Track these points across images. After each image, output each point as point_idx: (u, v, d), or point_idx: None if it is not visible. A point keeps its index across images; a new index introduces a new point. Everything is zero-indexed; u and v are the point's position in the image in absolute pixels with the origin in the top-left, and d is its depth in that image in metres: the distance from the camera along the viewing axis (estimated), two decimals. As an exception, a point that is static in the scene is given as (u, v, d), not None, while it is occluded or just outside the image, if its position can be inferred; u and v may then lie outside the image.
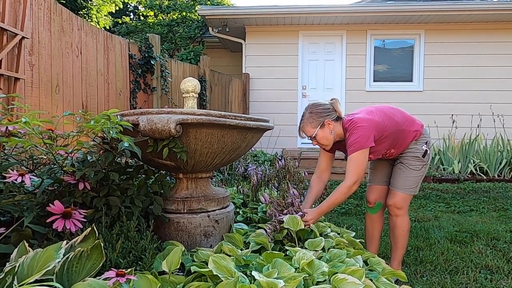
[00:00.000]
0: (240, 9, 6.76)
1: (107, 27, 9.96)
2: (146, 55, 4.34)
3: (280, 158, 5.42)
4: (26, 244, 1.13)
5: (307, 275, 1.34)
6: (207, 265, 1.36)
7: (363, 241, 2.13)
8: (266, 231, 1.79)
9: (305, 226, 1.82)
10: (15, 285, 0.95)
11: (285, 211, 1.87)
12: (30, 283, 0.95)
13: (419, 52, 6.93)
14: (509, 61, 6.72)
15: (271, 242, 1.75)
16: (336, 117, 1.96)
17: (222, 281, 1.22)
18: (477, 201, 4.33)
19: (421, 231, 3.05)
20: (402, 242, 2.10)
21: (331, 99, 2.02)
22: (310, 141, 2.03)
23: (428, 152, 2.04)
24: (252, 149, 5.33)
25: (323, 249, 1.69)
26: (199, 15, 7.75)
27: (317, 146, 2.05)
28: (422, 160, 2.02)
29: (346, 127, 1.94)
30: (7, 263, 1.06)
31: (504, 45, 6.74)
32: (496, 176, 5.81)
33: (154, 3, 9.72)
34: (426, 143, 2.04)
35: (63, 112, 2.94)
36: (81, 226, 1.29)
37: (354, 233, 2.07)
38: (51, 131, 1.47)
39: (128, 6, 12.42)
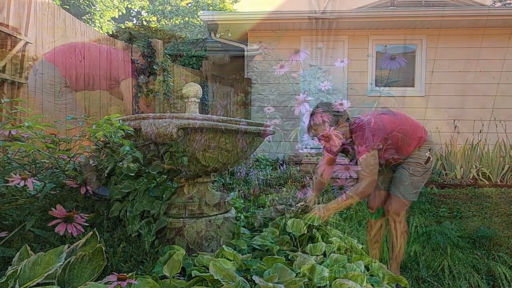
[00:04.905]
0: (242, 14, 6.81)
1: (110, 32, 10.03)
2: (149, 60, 4.37)
3: (281, 163, 5.43)
4: (28, 248, 1.14)
5: (308, 280, 1.34)
6: (208, 269, 1.37)
7: (364, 246, 2.12)
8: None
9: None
10: (16, 289, 0.95)
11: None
12: (32, 286, 0.96)
13: (421, 57, 6.94)
14: (511, 67, 6.71)
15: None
16: (347, 118, 1.97)
17: (223, 285, 1.22)
18: (479, 206, 4.30)
19: (423, 236, 3.04)
20: (399, 248, 2.09)
21: (339, 102, 2.01)
22: (312, 147, 2.00)
23: (431, 159, 2.02)
24: (254, 153, 5.33)
25: (324, 254, 1.68)
26: (201, 21, 7.79)
27: (318, 151, 2.03)
28: (424, 167, 2.01)
29: (353, 128, 1.93)
30: (9, 267, 1.07)
31: (506, 51, 6.73)
32: (498, 181, 5.78)
33: (157, 8, 9.79)
34: (429, 150, 2.02)
35: (65, 116, 2.97)
36: (83, 230, 1.30)
37: (356, 240, 2.04)
38: (54, 135, 1.48)
39: (131, 11, 12.50)
